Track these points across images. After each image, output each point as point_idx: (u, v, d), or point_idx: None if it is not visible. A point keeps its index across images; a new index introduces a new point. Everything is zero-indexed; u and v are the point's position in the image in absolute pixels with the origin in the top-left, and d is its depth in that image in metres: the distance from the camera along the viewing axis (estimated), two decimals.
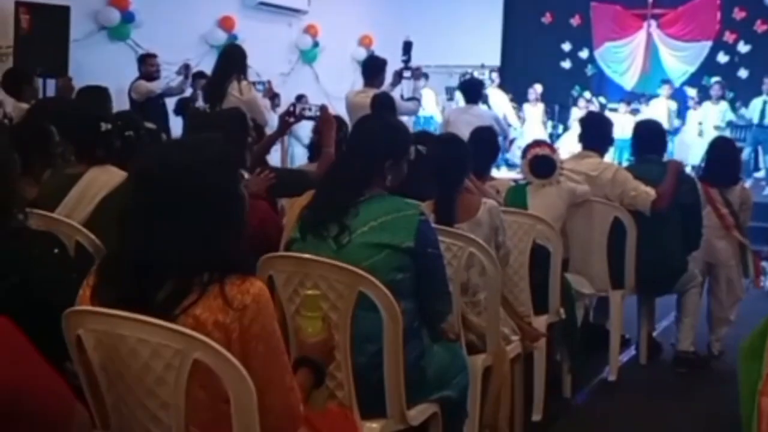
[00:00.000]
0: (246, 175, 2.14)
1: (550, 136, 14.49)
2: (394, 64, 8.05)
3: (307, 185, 3.37)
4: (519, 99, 14.63)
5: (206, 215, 1.93)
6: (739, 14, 14.40)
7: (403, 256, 2.73)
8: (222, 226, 1.96)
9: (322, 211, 2.79)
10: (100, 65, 9.51)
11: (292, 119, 4.53)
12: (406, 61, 7.86)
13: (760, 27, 13.81)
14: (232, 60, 6.72)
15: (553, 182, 4.71)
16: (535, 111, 14.61)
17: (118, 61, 10.20)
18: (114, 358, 1.91)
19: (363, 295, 2.60)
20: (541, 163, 4.73)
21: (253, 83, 8.15)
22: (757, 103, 12.42)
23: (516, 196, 4.73)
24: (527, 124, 14.48)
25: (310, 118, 4.56)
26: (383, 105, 6.41)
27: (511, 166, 12.28)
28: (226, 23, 12.20)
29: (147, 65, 9.60)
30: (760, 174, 12.26)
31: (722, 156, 5.62)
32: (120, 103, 8.21)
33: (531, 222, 4.25)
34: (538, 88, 14.60)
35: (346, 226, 2.72)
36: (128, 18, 10.74)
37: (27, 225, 2.20)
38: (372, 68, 7.36)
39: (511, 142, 12.87)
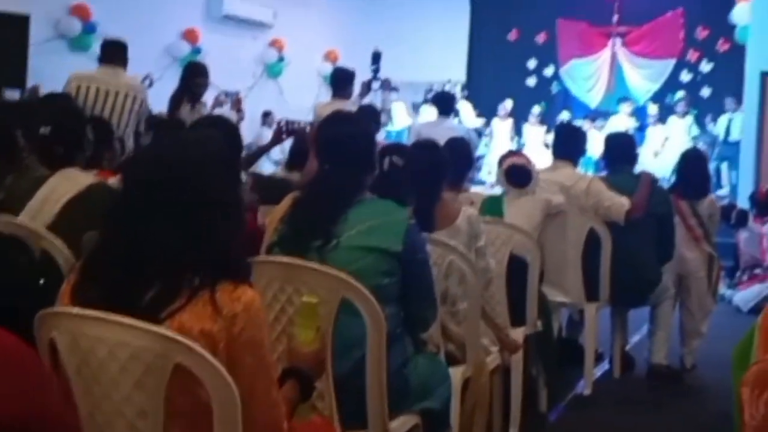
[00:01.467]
0: (245, 179, 2.05)
1: None
2: (360, 78, 8.00)
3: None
4: (485, 115, 14.64)
5: (202, 214, 1.84)
6: (702, 33, 14.54)
7: (391, 260, 2.67)
8: (217, 226, 1.87)
9: (305, 225, 2.72)
10: (60, 76, 9.21)
11: (284, 136, 4.62)
12: (375, 72, 7.79)
13: (722, 46, 13.95)
14: (183, 78, 6.67)
15: (530, 192, 4.67)
16: (503, 126, 14.62)
17: None
18: (90, 361, 1.80)
19: (345, 300, 2.51)
20: (518, 172, 4.69)
21: (225, 93, 8.08)
22: (723, 120, 12.51)
23: (492, 206, 4.68)
24: (495, 139, 14.47)
25: (298, 132, 4.64)
26: (369, 117, 6.36)
27: (477, 183, 12.21)
28: (190, 36, 12.09)
29: None
30: (724, 191, 12.29)
31: (693, 168, 5.63)
32: None
33: (508, 232, 4.20)
34: (508, 104, 14.64)
35: (332, 237, 2.66)
36: (90, 28, 10.58)
37: None
38: (341, 80, 7.28)
39: (478, 159, 12.84)
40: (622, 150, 5.41)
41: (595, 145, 10.79)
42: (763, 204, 8.45)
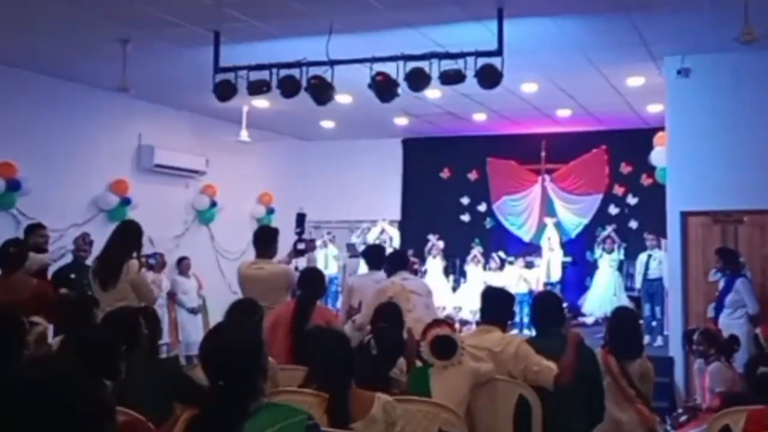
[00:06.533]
0: (108, 384, 1.97)
1: (453, 289, 14.57)
2: (292, 222, 8.02)
3: None
4: (420, 253, 14.70)
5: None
6: (626, 169, 15.02)
7: None
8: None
9: None
10: None
11: None
12: (300, 233, 7.79)
13: (645, 180, 14.34)
14: (130, 237, 6.48)
15: (455, 363, 4.60)
16: (435, 265, 14.73)
17: None
18: None
19: None
20: (442, 343, 4.63)
21: (146, 256, 7.93)
22: (642, 258, 12.57)
23: (418, 379, 4.61)
24: (428, 276, 14.50)
25: None
26: (315, 281, 6.30)
27: None
28: (118, 187, 11.90)
29: (36, 236, 8.43)
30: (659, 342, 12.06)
31: (624, 328, 5.63)
32: None
33: (435, 411, 4.12)
34: (439, 243, 14.81)
35: None
36: (14, 186, 10.31)
37: None
38: (264, 239, 7.10)
39: None
40: (549, 311, 5.38)
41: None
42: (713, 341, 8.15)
